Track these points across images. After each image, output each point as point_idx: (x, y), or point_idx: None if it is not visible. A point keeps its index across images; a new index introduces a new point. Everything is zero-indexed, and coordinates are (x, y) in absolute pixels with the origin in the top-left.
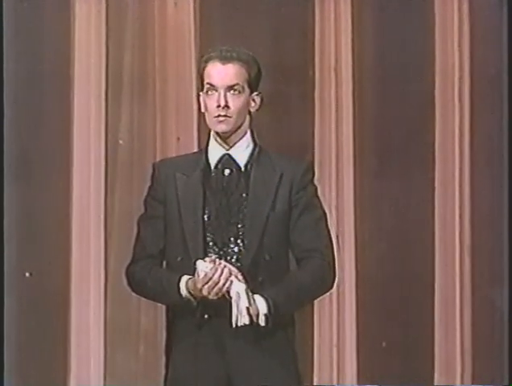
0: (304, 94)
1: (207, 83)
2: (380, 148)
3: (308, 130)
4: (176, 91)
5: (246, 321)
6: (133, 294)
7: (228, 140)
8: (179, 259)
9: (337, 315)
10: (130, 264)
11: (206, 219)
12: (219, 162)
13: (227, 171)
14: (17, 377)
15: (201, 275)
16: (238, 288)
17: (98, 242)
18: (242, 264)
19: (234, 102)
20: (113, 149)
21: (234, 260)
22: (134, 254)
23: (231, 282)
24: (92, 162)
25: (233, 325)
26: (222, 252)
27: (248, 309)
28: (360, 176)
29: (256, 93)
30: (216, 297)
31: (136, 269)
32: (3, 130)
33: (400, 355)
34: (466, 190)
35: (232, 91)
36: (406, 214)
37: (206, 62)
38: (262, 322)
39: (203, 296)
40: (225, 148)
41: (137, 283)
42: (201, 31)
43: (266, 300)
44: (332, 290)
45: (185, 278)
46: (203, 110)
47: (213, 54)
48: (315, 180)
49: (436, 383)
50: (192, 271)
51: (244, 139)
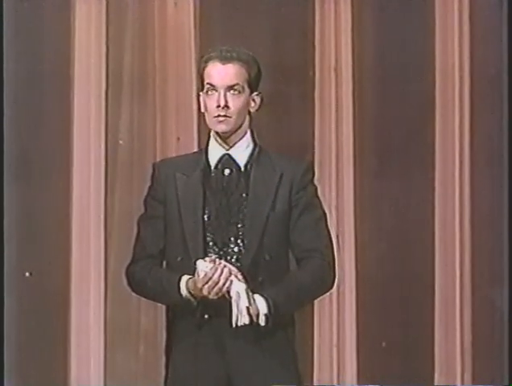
0: (304, 94)
1: (207, 83)
2: (380, 148)
3: (308, 130)
4: (176, 91)
5: (246, 321)
6: (133, 294)
7: (228, 140)
8: (179, 259)
9: (337, 315)
10: (130, 264)
11: (206, 219)
12: (219, 162)
13: (227, 171)
14: (17, 377)
15: (201, 275)
16: (238, 288)
17: (98, 242)
18: (242, 264)
19: (234, 102)
20: (113, 149)
21: (234, 260)
22: (134, 254)
23: (231, 282)
24: (92, 162)
25: (233, 325)
26: (222, 252)
27: (248, 309)
28: (360, 176)
29: (256, 93)
30: (216, 296)
31: (136, 269)
32: (3, 130)
33: (400, 355)
34: (466, 190)
35: (232, 91)
36: (406, 214)
37: (206, 62)
38: (262, 322)
39: (203, 296)
40: (225, 148)
41: (137, 283)
42: (201, 31)
43: (266, 300)
44: (332, 290)
45: (185, 278)
46: (203, 110)
47: (213, 54)
48: (315, 180)
49: (436, 383)
50: (192, 271)
51: (244, 139)
